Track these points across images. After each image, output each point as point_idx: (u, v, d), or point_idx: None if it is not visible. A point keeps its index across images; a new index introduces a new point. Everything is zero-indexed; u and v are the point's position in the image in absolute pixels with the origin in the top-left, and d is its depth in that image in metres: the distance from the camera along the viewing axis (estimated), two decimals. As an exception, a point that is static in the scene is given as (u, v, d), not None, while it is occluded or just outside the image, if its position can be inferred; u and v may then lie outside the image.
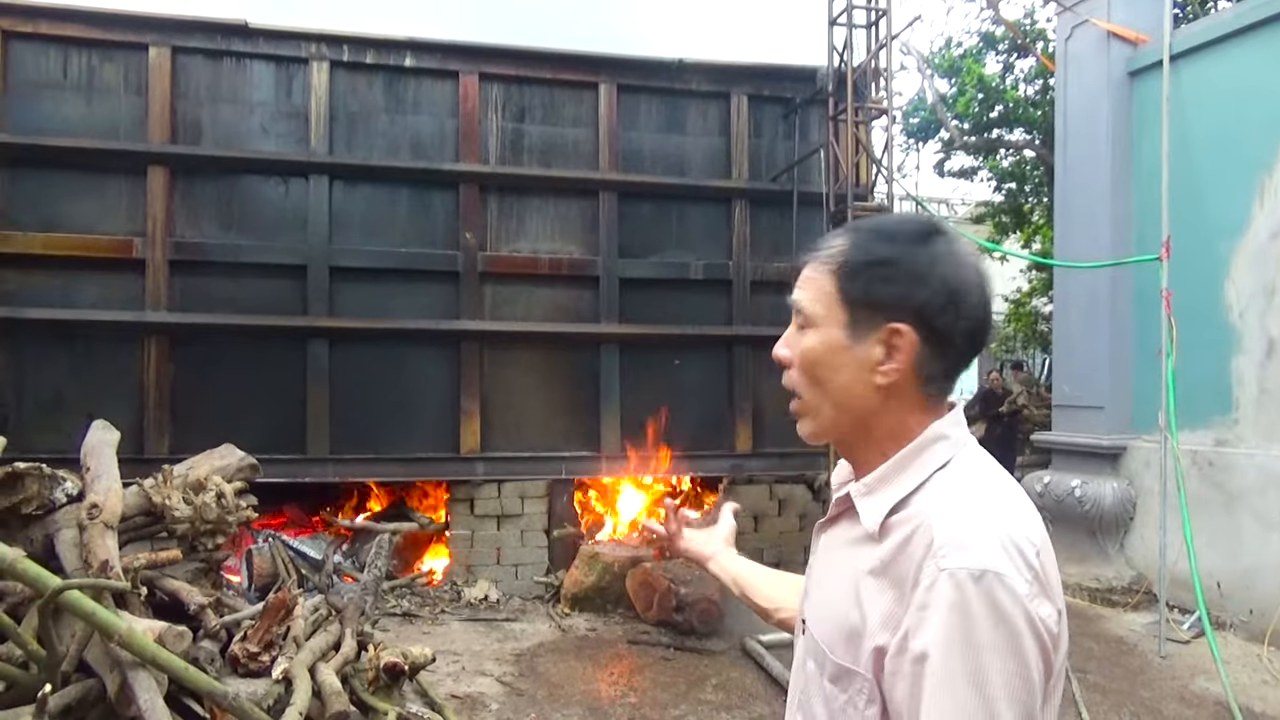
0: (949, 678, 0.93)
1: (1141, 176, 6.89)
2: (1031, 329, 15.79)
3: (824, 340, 1.12)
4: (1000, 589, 0.93)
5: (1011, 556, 0.96)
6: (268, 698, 3.19)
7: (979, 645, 0.92)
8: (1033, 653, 0.94)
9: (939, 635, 0.94)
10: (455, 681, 4.90)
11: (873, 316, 1.08)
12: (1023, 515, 1.03)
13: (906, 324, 1.06)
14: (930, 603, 0.95)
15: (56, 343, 6.25)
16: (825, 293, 1.13)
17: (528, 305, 7.05)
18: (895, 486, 1.09)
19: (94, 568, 3.29)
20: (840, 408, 1.13)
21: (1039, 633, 0.95)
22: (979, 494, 1.04)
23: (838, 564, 1.14)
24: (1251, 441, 6.04)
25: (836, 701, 1.07)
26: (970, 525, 0.98)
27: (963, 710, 0.92)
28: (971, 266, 1.08)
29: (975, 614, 0.93)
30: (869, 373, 1.09)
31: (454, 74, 6.89)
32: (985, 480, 1.07)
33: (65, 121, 6.31)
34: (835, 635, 1.08)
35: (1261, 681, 5.12)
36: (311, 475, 6.59)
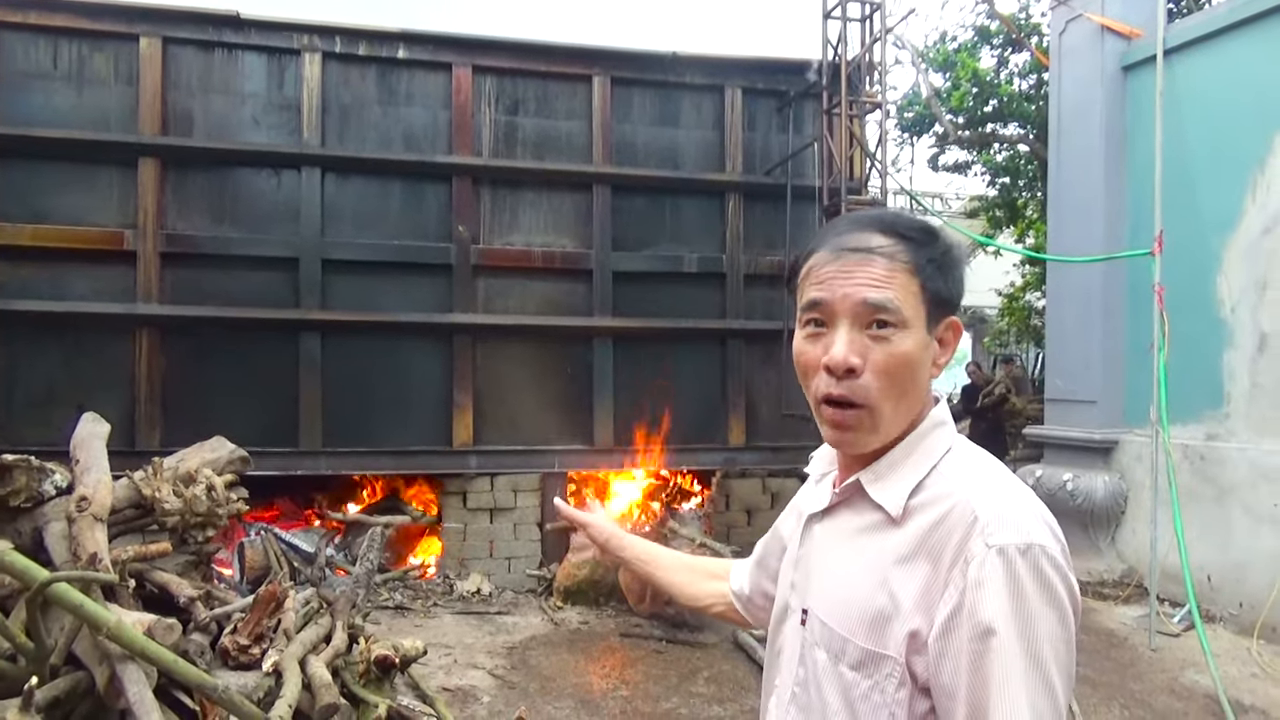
0: (1011, 649, 0.96)
1: (1135, 171, 6.90)
2: (1025, 323, 15.82)
3: (917, 342, 1.10)
4: (1044, 560, 0.99)
5: (1048, 531, 1.01)
6: (258, 690, 3.18)
7: (1033, 616, 0.97)
8: (1071, 618, 1.00)
9: (1000, 608, 0.97)
10: (447, 674, 4.90)
11: (941, 313, 1.12)
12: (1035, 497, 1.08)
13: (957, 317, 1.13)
14: (985, 578, 0.98)
15: (46, 335, 6.22)
16: (911, 293, 1.10)
17: (521, 298, 7.04)
18: (908, 471, 1.11)
19: (83, 560, 3.27)
20: (911, 411, 1.14)
21: (1075, 600, 1.01)
22: (999, 475, 1.08)
23: (850, 553, 1.14)
24: (1243, 436, 6.06)
25: (859, 688, 1.07)
26: (1008, 504, 1.03)
27: (1023, 677, 0.95)
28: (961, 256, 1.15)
29: (1025, 586, 0.97)
30: (933, 368, 1.13)
31: (447, 66, 6.87)
32: (993, 463, 1.12)
33: (55, 112, 6.27)
34: (858, 622, 1.08)
35: (1251, 674, 5.14)
36: (304, 468, 6.57)
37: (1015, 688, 0.95)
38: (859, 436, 1.12)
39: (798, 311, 1.16)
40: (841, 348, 1.08)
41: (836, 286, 1.10)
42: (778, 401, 7.21)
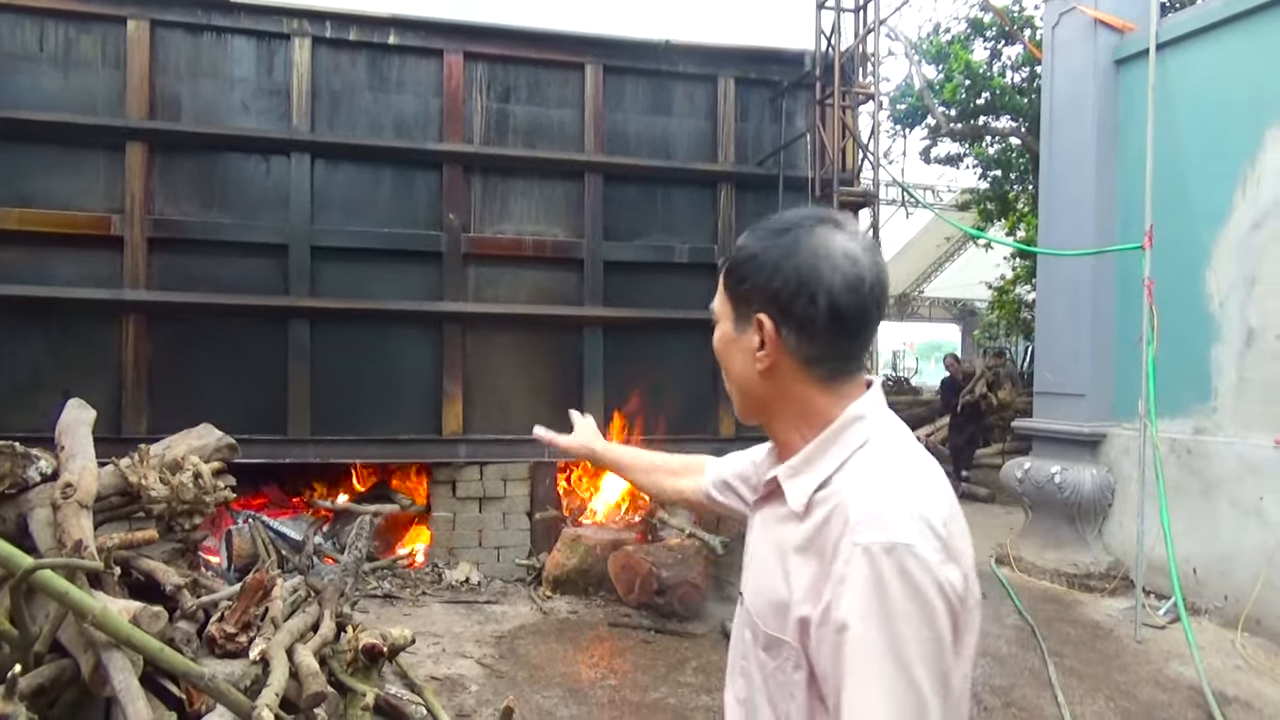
0: (867, 646, 1.00)
1: (1126, 165, 6.90)
2: (1015, 316, 15.86)
3: (721, 334, 1.26)
4: (910, 559, 1.01)
5: (918, 528, 1.03)
6: (244, 679, 3.17)
7: (893, 614, 1.00)
8: (943, 617, 1.02)
9: (857, 606, 1.02)
10: (435, 663, 4.89)
11: (747, 309, 1.20)
12: (931, 489, 1.11)
13: (765, 313, 1.16)
14: (847, 575, 1.03)
15: (32, 320, 6.17)
16: (720, 292, 1.26)
17: (511, 287, 7.01)
18: (819, 467, 1.17)
19: (68, 547, 3.25)
20: (743, 393, 1.26)
21: (948, 597, 1.03)
22: (891, 472, 1.11)
23: (768, 541, 1.23)
24: (1230, 430, 6.09)
25: (768, 668, 1.17)
26: (881, 502, 1.06)
27: (882, 675, 1.00)
28: (830, 254, 1.14)
29: (889, 585, 1.01)
30: (752, 359, 1.20)
31: (438, 52, 6.82)
32: (898, 458, 1.14)
33: (41, 95, 6.20)
34: (767, 607, 1.17)
35: (1235, 666, 5.18)
36: (292, 456, 6.55)
37: (870, 681, 1.00)
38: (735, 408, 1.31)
39: None
40: None
41: None
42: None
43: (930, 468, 1.15)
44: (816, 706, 1.11)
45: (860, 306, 1.14)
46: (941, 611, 1.02)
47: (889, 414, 1.21)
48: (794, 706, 1.13)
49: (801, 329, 1.15)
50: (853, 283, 1.14)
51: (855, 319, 1.15)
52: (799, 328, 1.15)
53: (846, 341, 1.17)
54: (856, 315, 1.15)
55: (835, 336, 1.15)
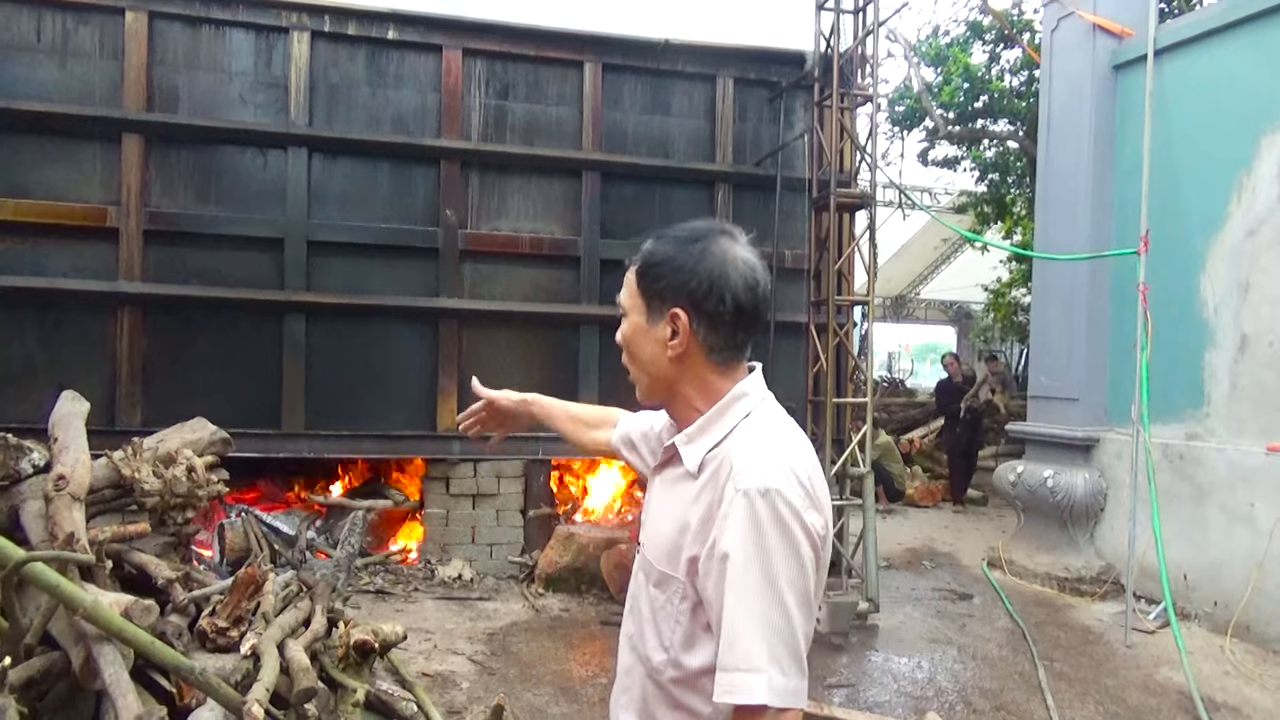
0: (745, 571, 1.24)
1: (1122, 170, 6.92)
2: (1010, 320, 15.89)
3: (632, 326, 1.47)
4: (780, 501, 1.25)
5: (788, 478, 1.28)
6: (235, 673, 3.17)
7: (766, 546, 1.24)
8: (805, 549, 1.26)
9: (736, 538, 1.25)
10: (427, 660, 4.89)
11: (661, 305, 1.41)
12: (798, 451, 1.36)
13: (681, 308, 1.38)
14: (730, 514, 1.27)
15: (26, 311, 6.15)
16: (631, 289, 1.46)
17: (507, 284, 7.01)
18: (710, 435, 1.41)
19: (60, 540, 3.24)
20: (651, 376, 1.47)
21: (810, 535, 1.27)
22: (768, 436, 1.36)
23: (667, 498, 1.46)
24: (1222, 436, 6.11)
25: (658, 601, 1.40)
26: (759, 457, 1.30)
27: (757, 593, 1.23)
28: (734, 261, 1.39)
29: (762, 521, 1.24)
30: (663, 348, 1.42)
31: (437, 48, 6.81)
32: (774, 426, 1.39)
33: (38, 86, 6.17)
34: (662, 552, 1.41)
35: (1224, 672, 5.20)
36: (286, 451, 6.53)
37: (748, 601, 1.23)
38: (637, 390, 1.52)
39: None
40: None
41: None
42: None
43: (800, 437, 1.41)
44: (698, 631, 1.35)
45: (755, 304, 1.40)
46: (804, 544, 1.26)
47: (767, 393, 1.45)
48: (679, 632, 1.37)
49: (710, 322, 1.39)
50: (751, 284, 1.39)
51: (751, 314, 1.40)
52: (708, 321, 1.39)
53: (743, 333, 1.42)
54: (753, 311, 1.40)
55: (736, 329, 1.40)
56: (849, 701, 4.68)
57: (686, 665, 1.36)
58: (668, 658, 1.38)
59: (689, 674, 1.36)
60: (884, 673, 5.11)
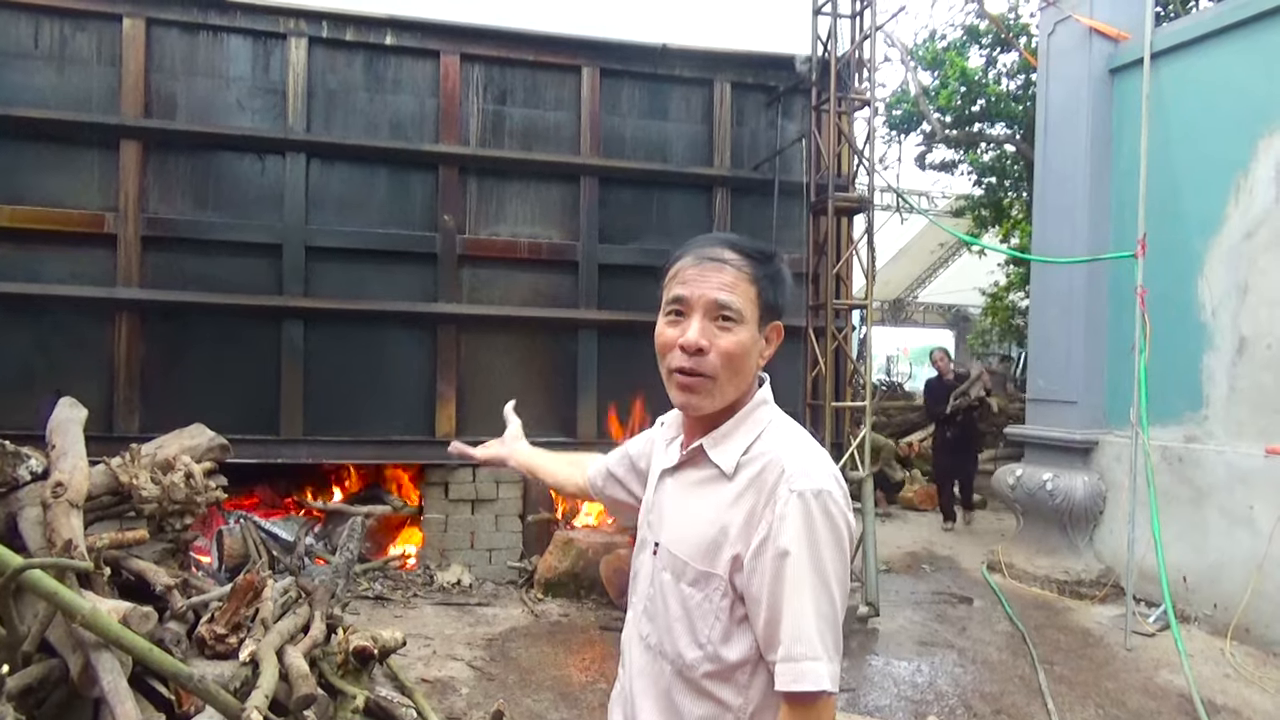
0: (804, 566, 1.31)
1: (1120, 173, 6.93)
2: (1008, 323, 15.92)
3: (750, 334, 1.46)
4: (830, 501, 1.35)
5: (835, 480, 1.38)
6: (234, 680, 3.16)
7: (819, 542, 1.33)
8: (847, 545, 1.37)
9: (794, 535, 1.32)
10: (426, 665, 4.88)
11: (770, 317, 1.49)
12: (826, 455, 1.45)
13: (780, 322, 1.51)
14: (787, 514, 1.34)
15: (24, 317, 6.14)
16: (749, 299, 1.46)
17: (506, 289, 7.01)
18: (739, 438, 1.47)
19: (58, 547, 3.24)
20: (738, 388, 1.49)
21: (851, 533, 1.39)
22: (804, 442, 1.45)
23: (693, 499, 1.50)
24: (1221, 438, 6.12)
25: (694, 599, 1.43)
26: (807, 460, 1.39)
27: (814, 587, 1.31)
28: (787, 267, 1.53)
29: (816, 520, 1.33)
30: (757, 360, 1.50)
31: (435, 54, 6.81)
32: (801, 432, 1.49)
33: (36, 92, 6.18)
34: (696, 550, 1.44)
35: (1224, 675, 5.20)
36: (284, 456, 6.52)
37: (804, 593, 1.31)
38: (701, 400, 1.47)
39: (663, 303, 1.52)
40: (695, 333, 1.44)
41: (695, 286, 1.45)
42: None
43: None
44: (734, 626, 1.40)
45: None
46: (847, 541, 1.37)
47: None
48: (718, 628, 1.41)
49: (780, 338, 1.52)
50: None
51: None
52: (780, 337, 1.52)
53: None
54: None
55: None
56: (849, 706, 4.67)
57: (725, 659, 1.40)
58: (704, 653, 1.41)
59: (726, 667, 1.40)
60: (884, 677, 5.10)
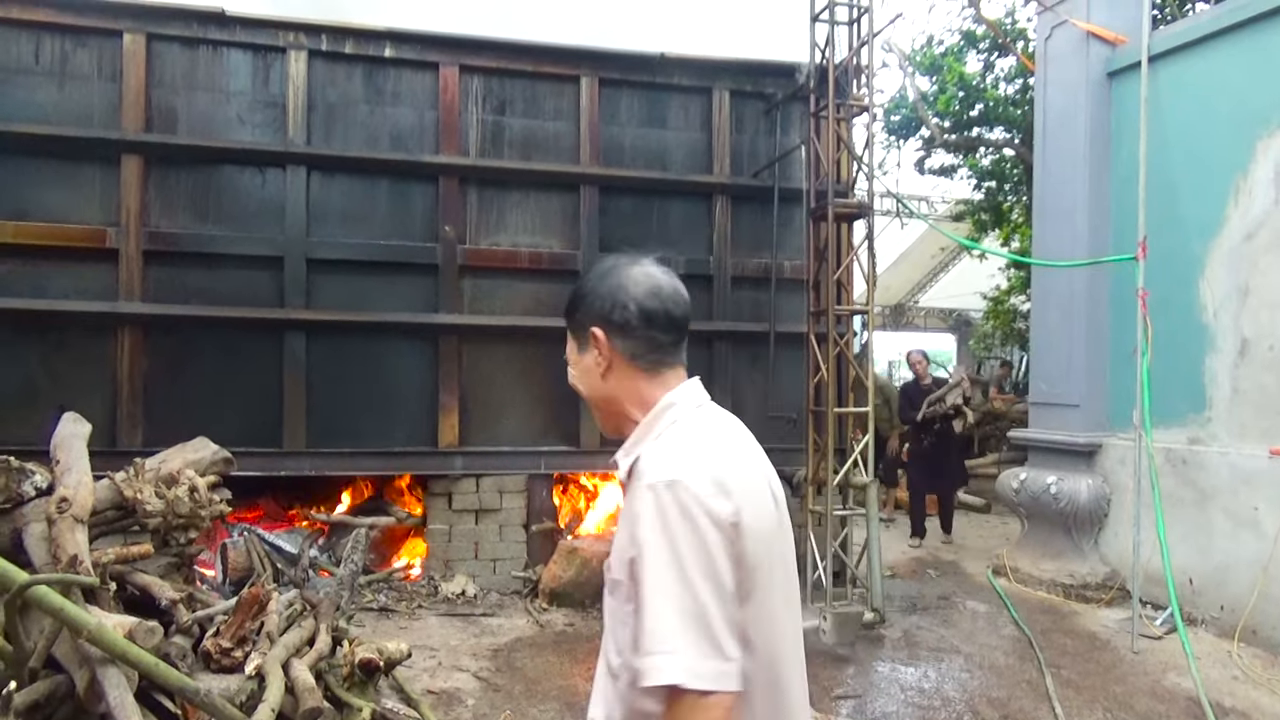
0: (655, 559, 1.29)
1: (1119, 176, 6.94)
2: (1009, 326, 15.91)
3: (571, 361, 1.62)
4: (682, 490, 1.32)
5: (692, 468, 1.35)
6: (240, 694, 3.16)
7: (674, 533, 1.30)
8: (713, 535, 1.31)
9: (645, 528, 1.32)
10: (432, 677, 4.87)
11: (583, 332, 1.55)
12: (715, 448, 1.43)
13: (597, 327, 1.52)
14: (640, 509, 1.34)
15: (27, 333, 6.16)
16: (571, 338, 1.61)
17: (507, 299, 7.02)
18: (635, 446, 1.49)
19: (63, 562, 3.24)
20: (595, 403, 1.59)
21: (718, 521, 1.32)
22: (682, 437, 1.44)
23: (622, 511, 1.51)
24: (1224, 440, 6.11)
25: (611, 606, 1.46)
26: (664, 454, 1.39)
27: (668, 580, 1.28)
28: (632, 276, 1.53)
29: (667, 510, 1.31)
30: (596, 369, 1.55)
31: (434, 65, 6.84)
32: (697, 429, 1.47)
33: (37, 108, 6.20)
34: (615, 558, 1.46)
35: (1232, 677, 5.19)
36: (287, 469, 6.52)
37: (659, 587, 1.28)
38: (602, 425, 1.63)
39: None
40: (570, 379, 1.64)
41: None
42: (763, 403, 7.21)
43: (725, 437, 1.49)
44: None
45: (662, 307, 1.51)
46: (710, 530, 1.30)
47: (703, 401, 1.54)
48: (626, 633, 1.39)
49: (622, 331, 1.51)
50: (652, 290, 1.52)
51: (661, 316, 1.51)
52: (620, 330, 1.51)
53: (659, 335, 1.52)
54: (661, 313, 1.51)
55: (648, 332, 1.51)
56: (856, 712, 4.66)
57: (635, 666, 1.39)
58: (621, 661, 1.42)
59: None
60: (891, 683, 5.09)
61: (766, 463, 1.54)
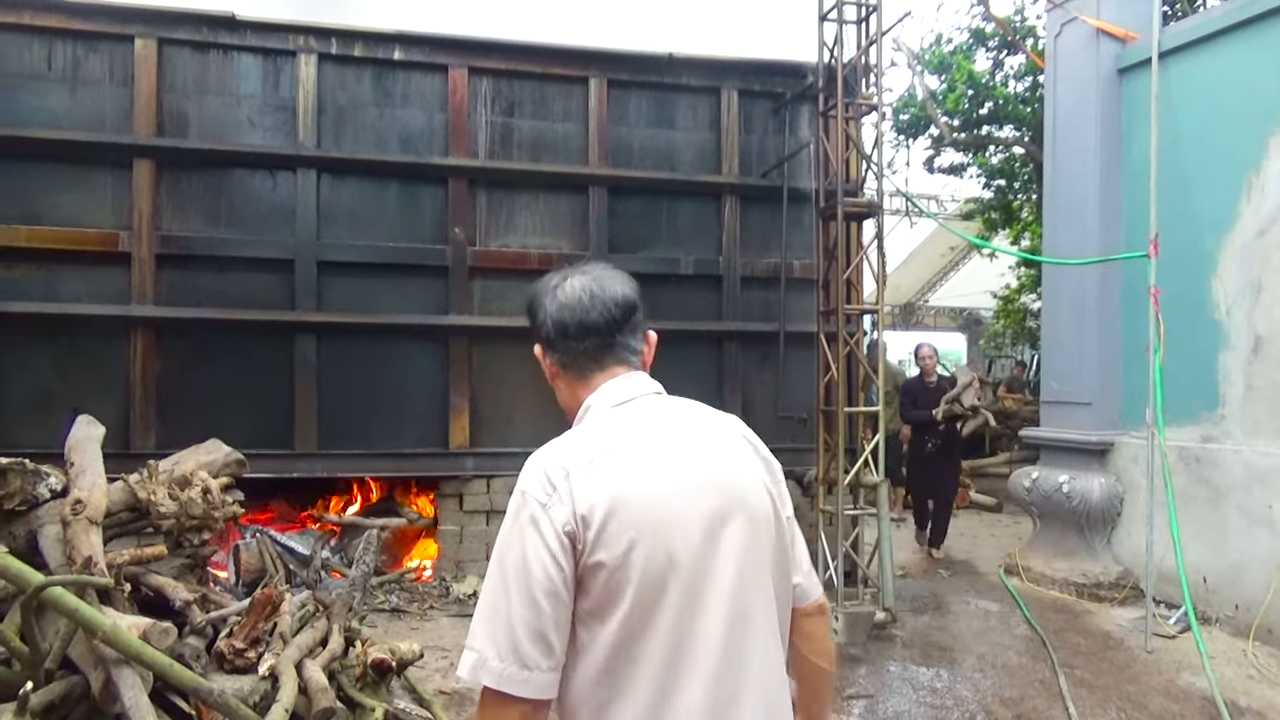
0: (492, 560, 1.40)
1: (1130, 173, 6.91)
2: (1020, 325, 15.86)
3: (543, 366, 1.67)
4: (519, 496, 1.39)
5: (534, 473, 1.40)
6: (254, 694, 3.17)
7: (505, 538, 1.38)
8: (532, 541, 1.34)
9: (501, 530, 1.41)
10: (444, 677, 4.88)
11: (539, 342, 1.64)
12: (573, 447, 1.44)
13: (537, 341, 1.64)
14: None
15: (41, 337, 6.20)
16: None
17: (517, 300, 7.01)
18: None
19: (78, 564, 3.26)
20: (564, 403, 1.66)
21: (551, 528, 1.34)
22: (563, 442, 1.47)
23: None
24: (1238, 438, 6.07)
25: None
26: (532, 459, 1.44)
27: (489, 583, 1.38)
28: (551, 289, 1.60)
29: (508, 516, 1.40)
30: (549, 379, 1.67)
31: (443, 68, 6.86)
32: (579, 431, 1.51)
33: (50, 113, 6.25)
34: None
35: (1246, 676, 5.15)
36: (299, 471, 6.56)
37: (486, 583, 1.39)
38: None
39: None
40: None
41: None
42: (774, 403, 7.21)
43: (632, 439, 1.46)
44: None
45: (574, 317, 1.55)
46: (531, 536, 1.34)
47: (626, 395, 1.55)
48: None
49: (549, 343, 1.61)
50: (563, 304, 1.56)
51: (574, 326, 1.56)
52: (548, 343, 1.61)
53: (575, 344, 1.57)
54: (574, 324, 1.56)
55: (564, 340, 1.57)
56: (868, 713, 4.65)
57: None
58: None
59: None
60: (903, 683, 5.08)
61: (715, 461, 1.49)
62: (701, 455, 1.48)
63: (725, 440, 1.57)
